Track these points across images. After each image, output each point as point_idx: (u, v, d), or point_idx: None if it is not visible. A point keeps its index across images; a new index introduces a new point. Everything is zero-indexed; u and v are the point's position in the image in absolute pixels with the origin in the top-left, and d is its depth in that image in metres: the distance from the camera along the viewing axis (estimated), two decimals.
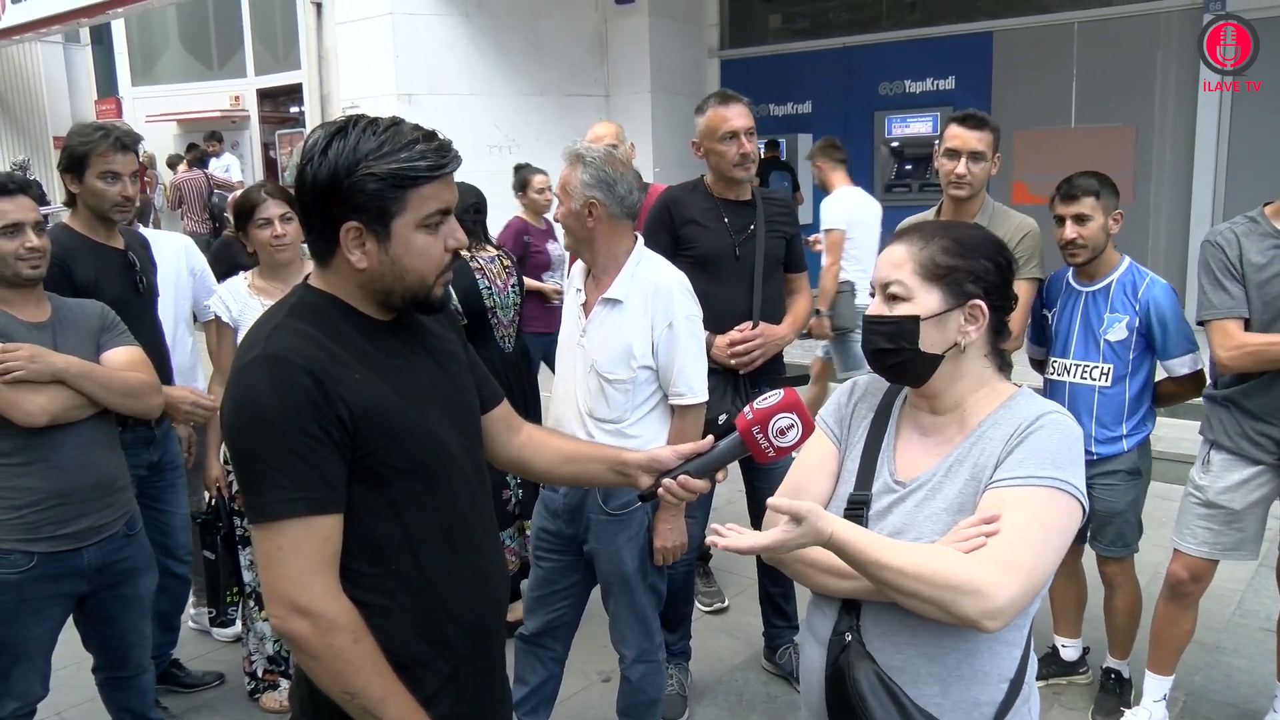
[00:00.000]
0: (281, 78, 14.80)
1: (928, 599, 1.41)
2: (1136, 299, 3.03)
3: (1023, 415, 1.55)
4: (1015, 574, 1.39)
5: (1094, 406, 3.07)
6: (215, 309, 3.26)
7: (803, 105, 10.43)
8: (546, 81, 10.13)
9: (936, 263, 1.57)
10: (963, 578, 1.38)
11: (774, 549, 1.43)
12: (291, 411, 1.39)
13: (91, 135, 2.97)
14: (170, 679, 3.49)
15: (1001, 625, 1.40)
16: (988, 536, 1.43)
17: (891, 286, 1.59)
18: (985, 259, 1.59)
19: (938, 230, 1.62)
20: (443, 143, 1.50)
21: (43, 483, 2.44)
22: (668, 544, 2.71)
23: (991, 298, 1.58)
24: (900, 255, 1.61)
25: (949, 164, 3.18)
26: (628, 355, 2.59)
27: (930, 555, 1.44)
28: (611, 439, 2.57)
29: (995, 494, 1.49)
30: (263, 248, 3.16)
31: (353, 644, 1.42)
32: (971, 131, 3.16)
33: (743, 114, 3.19)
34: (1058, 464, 1.48)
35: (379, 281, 1.50)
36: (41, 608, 2.51)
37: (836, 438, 1.75)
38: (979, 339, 1.59)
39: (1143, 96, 8.37)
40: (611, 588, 2.75)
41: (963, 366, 1.60)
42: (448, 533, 1.56)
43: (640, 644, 2.79)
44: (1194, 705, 3.31)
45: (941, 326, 1.57)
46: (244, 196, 3.23)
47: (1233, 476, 2.88)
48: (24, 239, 2.47)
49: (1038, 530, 1.44)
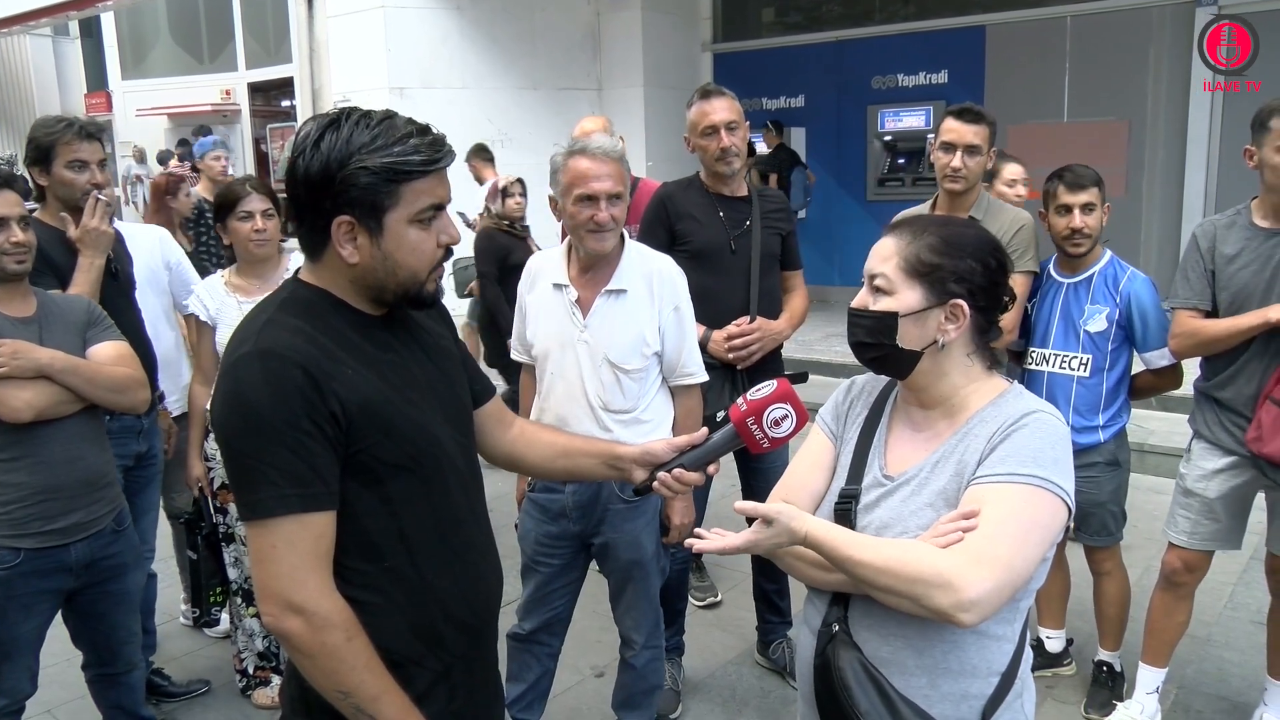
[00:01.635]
0: (272, 71, 14.75)
1: (900, 593, 1.43)
2: (1117, 291, 3.07)
3: (1009, 413, 1.56)
4: (989, 567, 1.40)
5: (1071, 396, 3.09)
6: (193, 307, 3.24)
7: (795, 99, 10.43)
8: (539, 75, 10.11)
9: (921, 259, 1.57)
10: (932, 571, 1.40)
11: (746, 550, 1.49)
12: (284, 407, 1.37)
13: (55, 126, 2.95)
14: (154, 689, 3.37)
15: (977, 618, 1.40)
16: (965, 531, 1.44)
17: (876, 279, 1.60)
18: (973, 259, 1.58)
19: (929, 226, 1.62)
20: (436, 137, 1.48)
21: (29, 478, 2.43)
22: (685, 520, 2.79)
23: (975, 298, 1.58)
24: (888, 249, 1.61)
25: (945, 157, 3.18)
26: (640, 343, 2.61)
27: (902, 550, 1.46)
28: (626, 429, 2.59)
29: (976, 490, 1.49)
30: (241, 242, 3.13)
31: (346, 642, 1.41)
32: (968, 125, 3.15)
33: (724, 108, 3.15)
34: (1040, 462, 1.48)
35: (371, 276, 1.49)
36: (29, 604, 2.49)
37: (833, 434, 1.76)
38: (961, 338, 1.59)
39: (1136, 91, 8.39)
40: (631, 574, 2.76)
41: (944, 363, 1.60)
42: (441, 529, 1.55)
43: (651, 629, 2.83)
44: (1185, 698, 3.32)
45: (920, 324, 1.57)
46: (227, 189, 3.20)
47: (1207, 465, 2.94)
48: (9, 234, 2.45)
49: (1015, 525, 1.44)
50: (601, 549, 2.74)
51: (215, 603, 3.29)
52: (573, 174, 2.53)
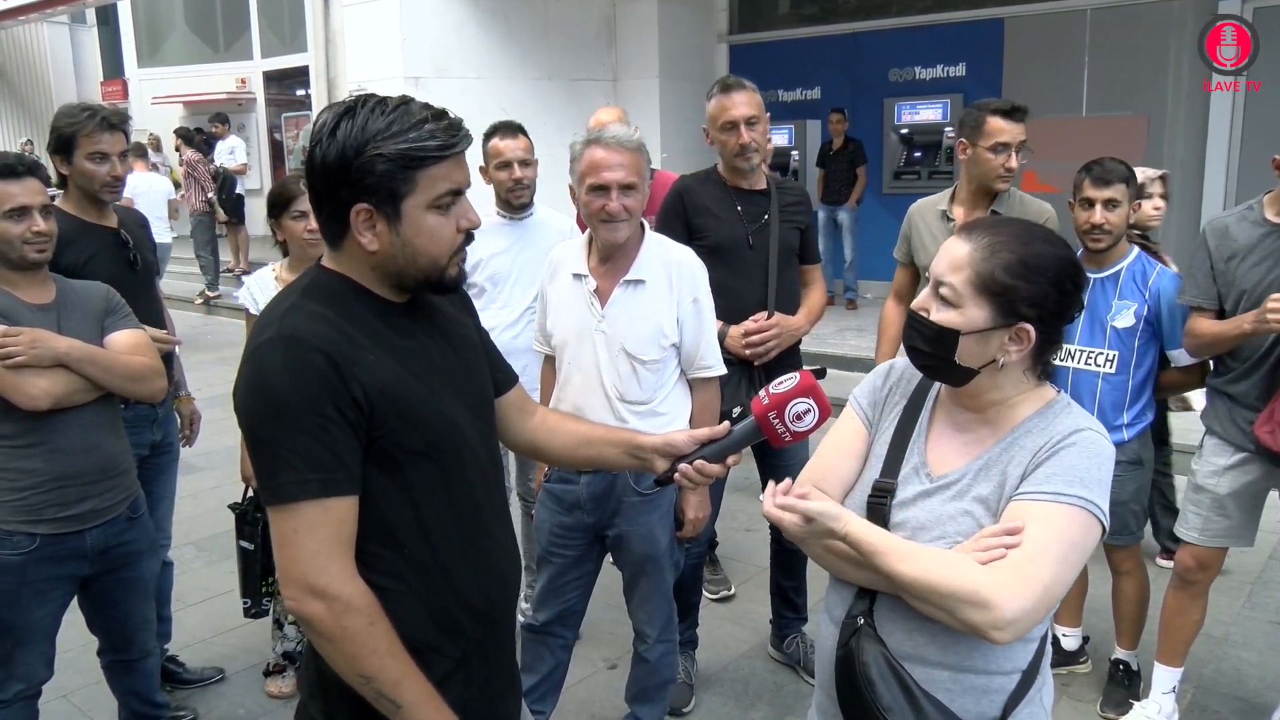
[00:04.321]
0: (288, 60, 14.77)
1: (937, 605, 1.42)
2: (1146, 287, 3.04)
3: (1057, 428, 1.52)
4: (1029, 588, 1.38)
5: (1097, 393, 3.06)
6: (244, 300, 3.25)
7: (812, 91, 10.38)
8: (554, 66, 10.08)
9: (995, 279, 1.49)
10: (971, 588, 1.39)
11: (790, 535, 1.52)
12: (306, 392, 1.37)
13: (78, 116, 2.95)
14: (169, 676, 3.40)
15: (1011, 637, 1.39)
16: (1008, 548, 1.42)
17: (943, 287, 1.54)
18: (1050, 284, 1.50)
19: (1010, 241, 1.52)
20: (452, 121, 1.46)
21: (45, 465, 2.43)
22: (700, 514, 2.78)
23: (1045, 322, 1.51)
24: (961, 257, 1.52)
25: (997, 159, 3.10)
26: (658, 334, 2.60)
27: (943, 563, 1.44)
28: (643, 420, 2.59)
29: (1020, 506, 1.47)
30: (295, 239, 3.13)
31: (368, 626, 1.41)
32: (1018, 124, 3.12)
33: (745, 102, 3.12)
34: (1085, 483, 1.46)
35: (391, 263, 1.48)
36: (44, 590, 2.50)
37: (868, 420, 1.72)
38: (1020, 358, 1.54)
39: (1155, 86, 8.31)
40: (644, 568, 2.75)
41: (999, 379, 1.56)
42: (460, 517, 1.54)
43: (665, 622, 2.83)
44: (1202, 699, 3.29)
45: (983, 343, 1.52)
46: (281, 186, 3.18)
47: (1218, 461, 2.93)
48: (31, 222, 2.44)
49: (1057, 546, 1.42)
50: (615, 541, 2.74)
51: (267, 593, 3.29)
52: (587, 163, 2.54)
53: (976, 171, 3.18)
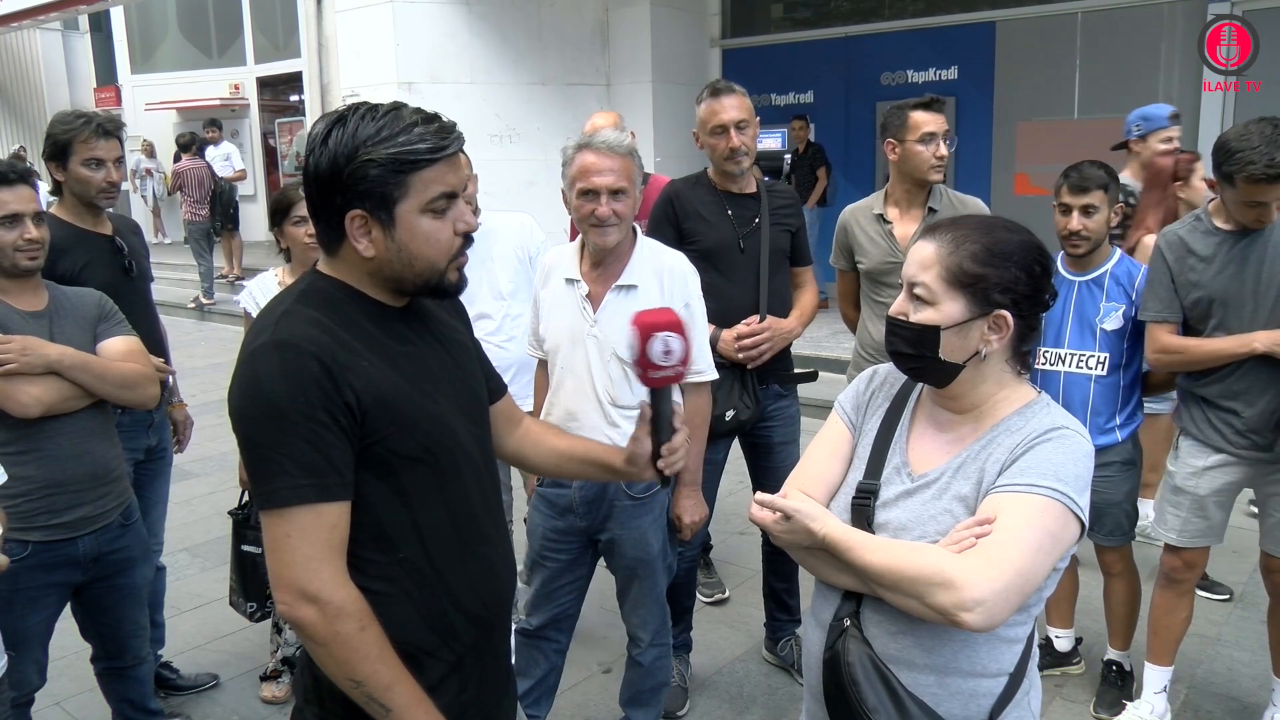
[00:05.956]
0: (281, 66, 14.76)
1: (905, 592, 1.44)
2: (1133, 288, 3.05)
3: (1035, 425, 1.54)
4: (997, 569, 1.39)
5: (1090, 396, 3.07)
6: (245, 304, 3.25)
7: (804, 95, 10.40)
8: (548, 71, 10.10)
9: (964, 270, 1.52)
10: (935, 569, 1.41)
11: (771, 534, 1.57)
12: (300, 398, 1.37)
13: (73, 123, 2.95)
14: (162, 682, 3.40)
15: (983, 621, 1.39)
16: (979, 538, 1.44)
17: (916, 288, 1.56)
18: (1018, 268, 1.53)
19: (972, 233, 1.56)
20: (444, 124, 1.47)
21: (37, 472, 2.43)
22: (695, 518, 2.79)
23: (1019, 307, 1.54)
24: (928, 256, 1.56)
25: (928, 149, 3.14)
26: None
27: (911, 550, 1.47)
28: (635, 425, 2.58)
29: (994, 499, 1.49)
30: (296, 244, 3.13)
31: (359, 631, 1.41)
32: (940, 115, 3.16)
33: (735, 106, 3.12)
34: (1060, 477, 1.47)
35: (388, 269, 1.48)
36: (37, 597, 2.50)
37: (852, 423, 1.75)
38: (1001, 346, 1.56)
39: (1146, 88, 8.33)
40: (637, 572, 2.75)
41: (984, 371, 1.58)
42: (456, 521, 1.55)
43: (658, 626, 2.83)
44: (1195, 699, 3.30)
45: (963, 335, 1.54)
46: (281, 193, 3.20)
47: (1196, 463, 2.95)
48: (23, 230, 2.44)
49: (1030, 534, 1.43)
50: (608, 545, 2.74)
51: (270, 597, 3.29)
52: (577, 168, 2.55)
53: (909, 167, 3.21)
